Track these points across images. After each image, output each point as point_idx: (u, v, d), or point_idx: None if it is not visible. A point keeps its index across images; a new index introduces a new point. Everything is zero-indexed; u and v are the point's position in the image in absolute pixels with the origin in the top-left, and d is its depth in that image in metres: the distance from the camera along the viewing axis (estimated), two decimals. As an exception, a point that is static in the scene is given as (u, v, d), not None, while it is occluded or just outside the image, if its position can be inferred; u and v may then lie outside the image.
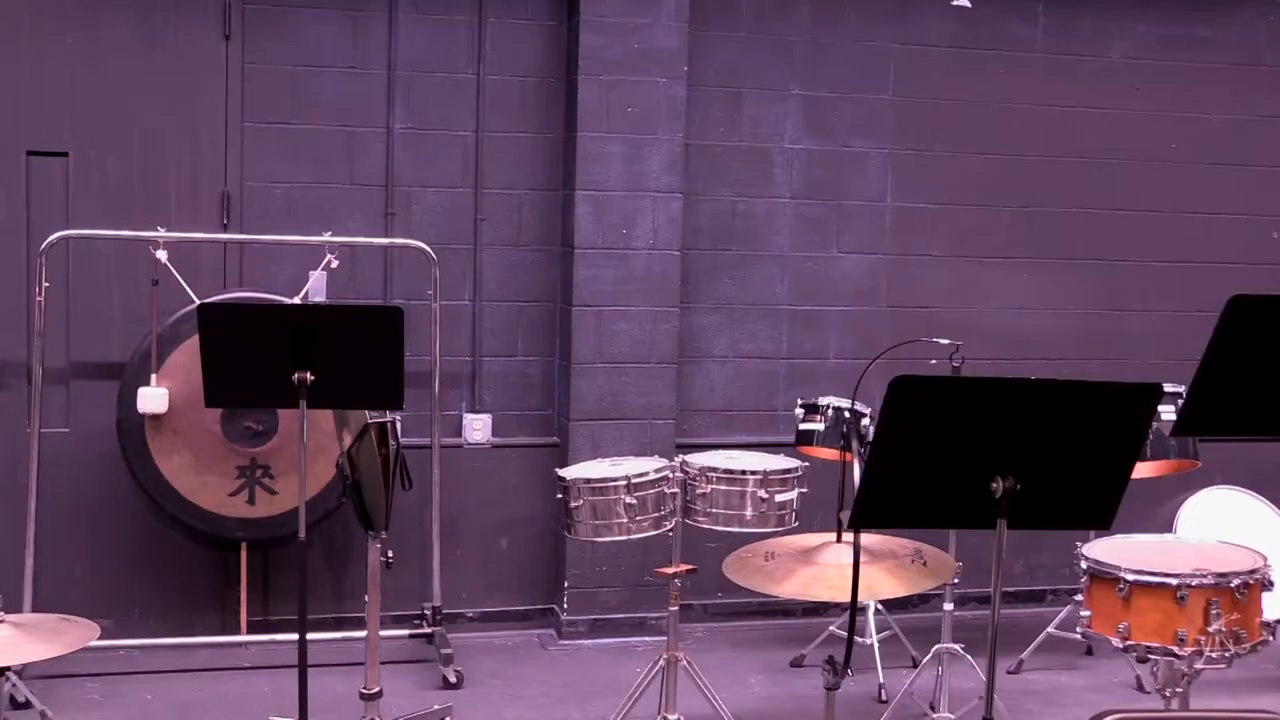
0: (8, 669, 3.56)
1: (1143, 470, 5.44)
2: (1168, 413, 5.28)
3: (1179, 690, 3.90)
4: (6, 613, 3.56)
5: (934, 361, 5.47)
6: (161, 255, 5.46)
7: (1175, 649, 3.84)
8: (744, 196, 6.48)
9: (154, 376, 5.53)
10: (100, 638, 3.75)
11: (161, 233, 5.52)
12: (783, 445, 5.57)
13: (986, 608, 6.40)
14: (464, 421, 6.28)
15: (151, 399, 5.51)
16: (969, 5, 6.46)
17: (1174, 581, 3.90)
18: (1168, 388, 5.24)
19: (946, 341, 5.19)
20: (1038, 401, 2.83)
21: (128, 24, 5.83)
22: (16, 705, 5.02)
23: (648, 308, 6.20)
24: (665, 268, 6.22)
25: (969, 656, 5.24)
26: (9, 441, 5.53)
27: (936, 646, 5.24)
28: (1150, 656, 3.93)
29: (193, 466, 5.62)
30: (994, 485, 2.83)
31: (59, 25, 5.76)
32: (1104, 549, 4.25)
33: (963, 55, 6.66)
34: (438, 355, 5.86)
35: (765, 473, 4.69)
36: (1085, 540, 4.59)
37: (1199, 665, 3.85)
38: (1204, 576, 3.90)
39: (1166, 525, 6.49)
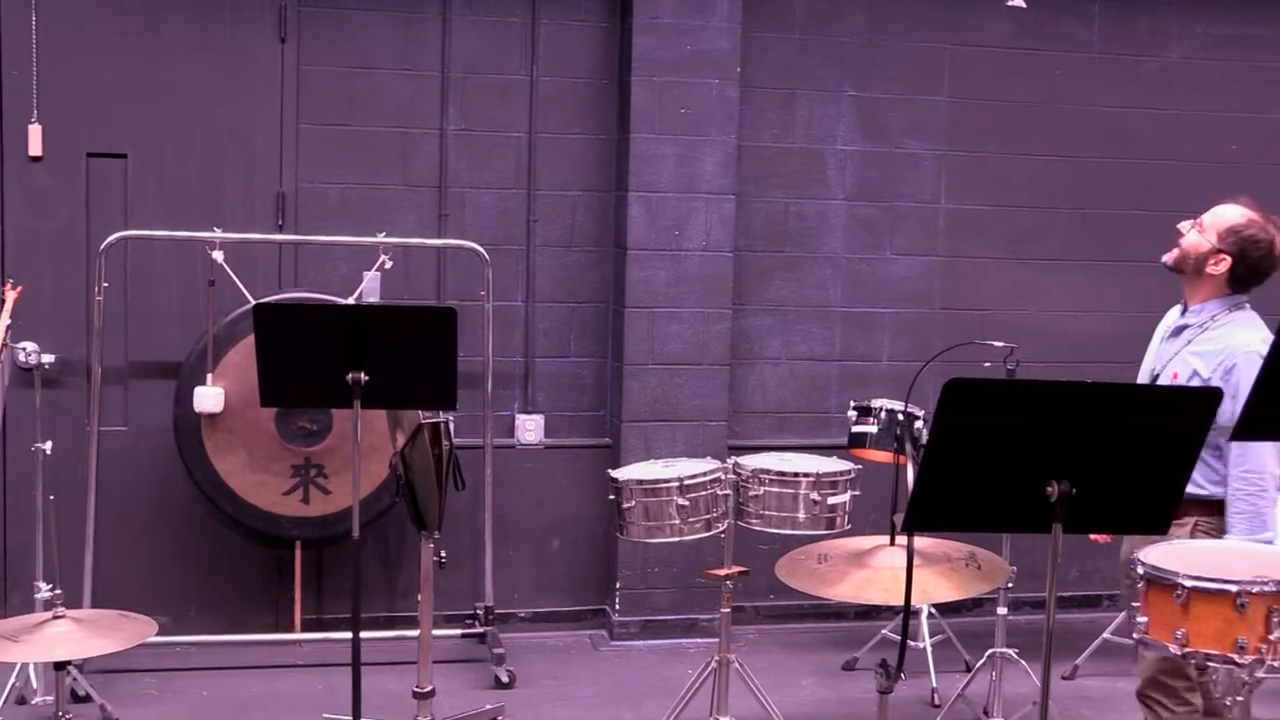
0: (69, 663, 3.60)
1: (1200, 475, 5.37)
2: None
3: (1239, 699, 3.84)
4: (67, 608, 3.60)
5: (988, 364, 5.44)
6: (218, 256, 5.51)
7: (1235, 657, 3.78)
8: (797, 198, 6.46)
9: (210, 376, 5.58)
10: (157, 634, 3.79)
11: (218, 233, 5.56)
12: (835, 448, 5.54)
13: (1041, 612, 6.33)
14: (516, 422, 6.29)
15: (207, 398, 5.56)
16: (1024, 6, 6.41)
17: (1233, 588, 3.84)
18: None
19: (1001, 344, 5.15)
20: (1094, 405, 2.80)
21: (185, 27, 5.89)
22: (77, 699, 5.08)
23: (700, 309, 6.20)
24: (718, 269, 6.22)
25: (1023, 661, 5.20)
26: (69, 439, 5.59)
27: (990, 651, 5.21)
28: (1209, 664, 3.88)
29: (248, 465, 5.66)
30: (1049, 489, 2.81)
31: (118, 29, 5.83)
32: (1161, 554, 4.19)
33: (1018, 56, 6.61)
34: (490, 356, 5.88)
35: (818, 475, 4.67)
36: (1141, 545, 4.54)
37: (1260, 674, 3.79)
38: (1265, 583, 3.84)
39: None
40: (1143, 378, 4.18)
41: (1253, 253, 3.99)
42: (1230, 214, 4.05)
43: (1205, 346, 3.97)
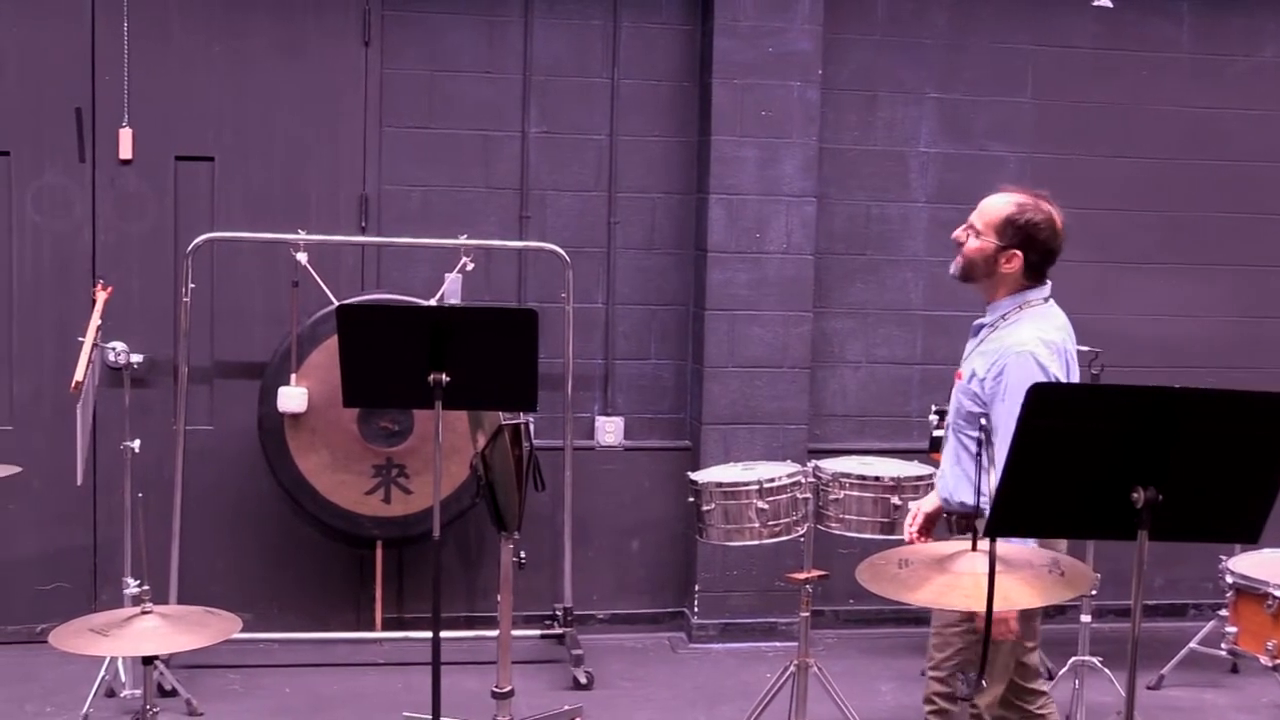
0: (156, 658, 3.65)
1: (1291, 482, 5.27)
2: (1318, 423, 5.10)
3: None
4: (154, 604, 3.65)
5: (1073, 368, 5.35)
6: (302, 257, 5.57)
7: (1327, 668, 3.71)
8: (878, 200, 6.42)
9: (294, 376, 5.65)
10: (241, 631, 3.83)
11: (302, 235, 5.63)
12: (916, 451, 5.51)
13: (1125, 620, 6.23)
14: (596, 424, 6.31)
15: (291, 398, 5.62)
16: (1110, 5, 6.32)
17: (1325, 598, 3.78)
18: (1318, 397, 5.07)
19: (1085, 349, 5.08)
20: (1181, 411, 2.75)
21: (271, 32, 5.96)
22: (164, 693, 5.16)
23: (781, 312, 6.18)
24: (798, 272, 6.19)
25: (1107, 670, 5.13)
26: (156, 438, 5.67)
27: (1073, 659, 5.15)
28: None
29: (330, 465, 5.72)
30: (1135, 495, 2.76)
31: (206, 35, 5.92)
32: (1251, 563, 4.13)
33: (1104, 57, 6.52)
34: (570, 358, 5.89)
35: (899, 479, 4.65)
36: (1230, 554, 4.46)
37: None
38: (1358, 593, 3.77)
39: (1316, 539, 6.28)
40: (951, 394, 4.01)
41: (1038, 235, 3.86)
42: (1000, 206, 3.88)
43: (989, 346, 3.85)
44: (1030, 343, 3.75)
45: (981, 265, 3.87)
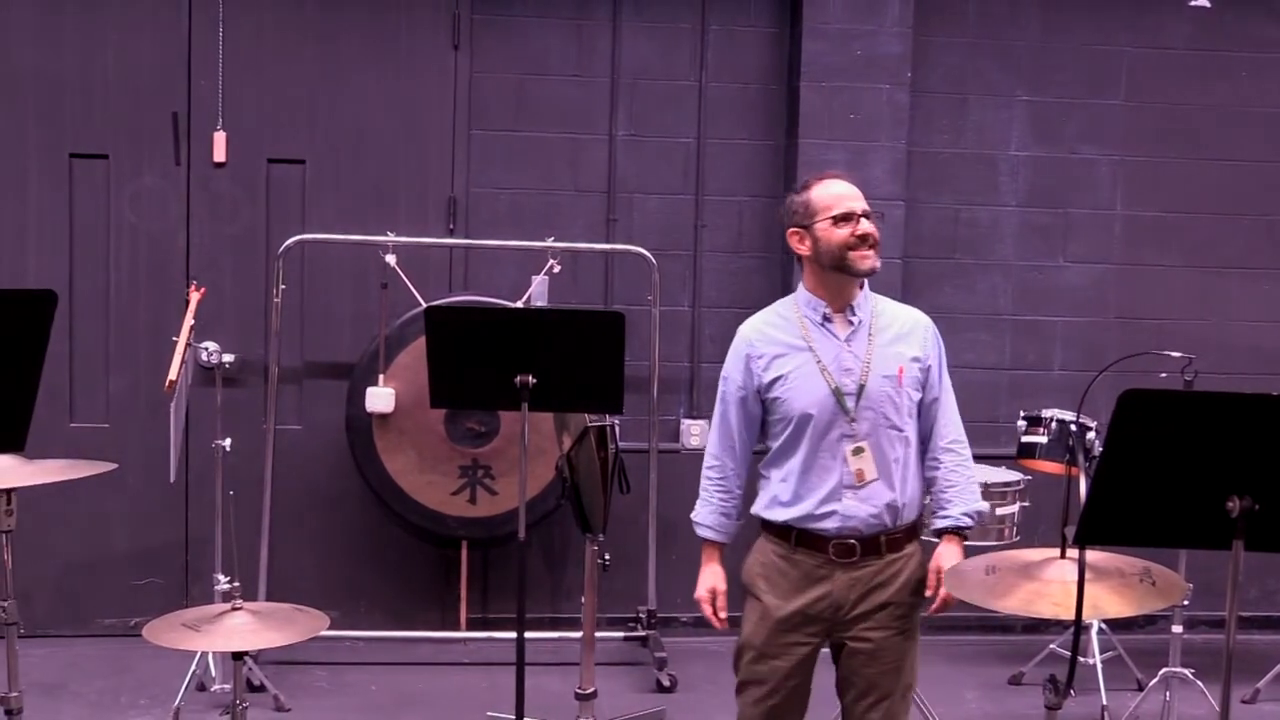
0: (245, 653, 3.70)
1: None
2: None
3: None
4: (244, 600, 3.70)
5: (1164, 375, 5.28)
6: (390, 259, 5.62)
7: None
8: (968, 204, 6.36)
9: (381, 377, 5.70)
10: (328, 628, 3.87)
11: (391, 237, 5.68)
12: (1004, 458, 5.45)
13: (1218, 632, 6.14)
14: (681, 427, 6.30)
15: (379, 399, 5.68)
16: (1208, 5, 6.21)
17: None
18: None
19: (1178, 355, 5.01)
20: (1278, 418, 2.70)
21: (362, 36, 6.03)
22: (252, 688, 5.23)
23: (867, 316, 6.13)
24: (885, 276, 6.07)
25: (1199, 683, 5.04)
26: (247, 437, 5.74)
27: (1164, 670, 5.06)
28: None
29: (417, 465, 5.77)
30: (1230, 504, 2.71)
31: (298, 41, 5.99)
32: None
33: (1201, 58, 6.41)
34: (656, 360, 5.90)
35: (986, 485, 4.61)
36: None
37: None
38: None
39: None
40: (826, 401, 3.64)
41: None
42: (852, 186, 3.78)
43: (891, 334, 3.70)
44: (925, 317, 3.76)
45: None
